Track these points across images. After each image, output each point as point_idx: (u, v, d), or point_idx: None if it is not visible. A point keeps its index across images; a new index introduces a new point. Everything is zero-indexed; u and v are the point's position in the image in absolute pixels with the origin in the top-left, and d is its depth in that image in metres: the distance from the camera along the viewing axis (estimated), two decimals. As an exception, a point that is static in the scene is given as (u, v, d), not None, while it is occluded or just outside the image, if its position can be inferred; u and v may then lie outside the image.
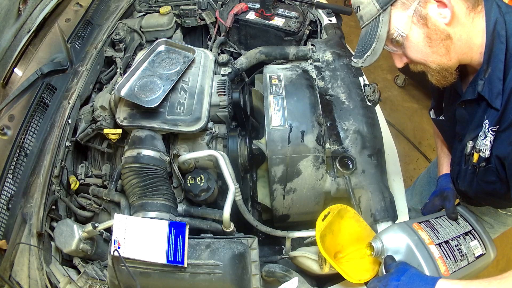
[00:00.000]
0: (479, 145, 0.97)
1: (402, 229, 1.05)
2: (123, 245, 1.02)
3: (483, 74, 0.91)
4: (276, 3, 1.97)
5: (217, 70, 1.64)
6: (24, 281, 1.12)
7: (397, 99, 3.41)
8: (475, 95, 0.95)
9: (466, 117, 1.04)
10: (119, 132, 1.35)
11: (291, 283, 1.07)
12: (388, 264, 0.96)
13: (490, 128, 0.92)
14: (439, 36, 0.88)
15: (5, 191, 1.25)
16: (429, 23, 0.87)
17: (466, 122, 1.05)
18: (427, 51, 0.91)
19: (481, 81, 0.91)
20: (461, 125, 1.08)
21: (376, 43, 0.92)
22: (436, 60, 0.92)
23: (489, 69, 0.89)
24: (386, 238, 1.03)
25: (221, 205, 1.23)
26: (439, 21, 0.87)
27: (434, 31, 0.88)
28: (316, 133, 1.28)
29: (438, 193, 1.27)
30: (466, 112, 1.03)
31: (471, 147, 1.01)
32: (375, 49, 0.93)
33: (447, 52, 0.90)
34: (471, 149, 1.01)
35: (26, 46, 1.63)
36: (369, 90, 1.46)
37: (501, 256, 2.43)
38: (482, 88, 0.91)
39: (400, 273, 0.90)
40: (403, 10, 0.88)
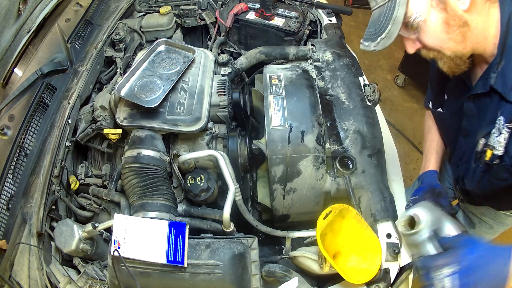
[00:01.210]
0: (492, 142, 0.93)
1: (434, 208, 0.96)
2: (123, 245, 1.02)
3: (496, 67, 0.89)
4: (276, 3, 1.97)
5: (217, 70, 1.64)
6: (24, 281, 1.12)
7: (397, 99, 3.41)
8: (487, 88, 0.92)
9: (475, 111, 1.01)
10: (119, 132, 1.35)
11: (291, 283, 1.07)
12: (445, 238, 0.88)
13: (505, 125, 0.88)
14: (457, 22, 0.86)
15: (5, 191, 1.25)
16: (448, 7, 0.85)
17: (474, 117, 1.01)
18: (443, 37, 0.88)
19: (493, 74, 0.89)
20: (468, 119, 1.05)
21: (392, 25, 0.87)
22: (452, 47, 0.90)
23: (502, 61, 0.87)
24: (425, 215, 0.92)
25: (221, 205, 1.23)
26: (458, 6, 0.85)
27: (452, 17, 0.85)
28: (316, 133, 1.28)
29: (427, 189, 1.22)
30: (474, 106, 1.00)
31: (483, 144, 0.97)
32: (390, 32, 0.87)
33: (463, 40, 0.88)
34: (483, 146, 0.97)
35: (26, 46, 1.63)
36: (369, 90, 1.46)
37: (501, 256, 2.43)
38: (495, 81, 0.89)
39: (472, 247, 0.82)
40: None
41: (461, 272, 0.77)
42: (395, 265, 1.14)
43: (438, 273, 0.79)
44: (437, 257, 0.83)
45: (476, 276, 0.76)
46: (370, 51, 0.93)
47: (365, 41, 0.95)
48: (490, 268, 0.77)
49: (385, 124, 1.54)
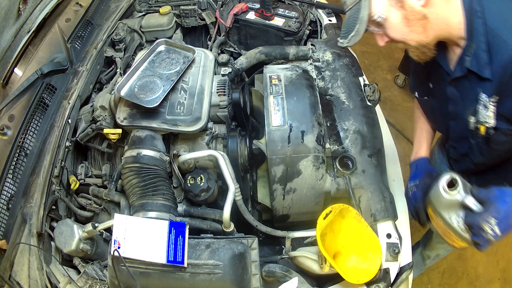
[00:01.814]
0: (482, 118, 1.02)
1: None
2: (123, 245, 1.02)
3: (468, 50, 0.97)
4: (276, 3, 1.97)
5: (217, 70, 1.64)
6: (24, 281, 1.12)
7: (397, 99, 3.41)
8: (464, 71, 1.01)
9: (457, 94, 1.09)
10: (119, 132, 1.35)
11: (291, 283, 1.07)
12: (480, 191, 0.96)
13: (490, 100, 0.97)
14: (415, 17, 0.96)
15: (5, 191, 1.25)
16: (405, 5, 0.95)
17: (458, 99, 1.10)
18: (405, 30, 0.99)
19: (467, 57, 0.98)
20: (453, 103, 1.13)
21: (359, 24, 1.01)
22: (415, 38, 1.00)
23: (472, 44, 0.95)
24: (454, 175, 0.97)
25: (221, 205, 1.23)
26: (415, 3, 0.94)
27: (410, 13, 0.95)
28: (316, 133, 1.28)
29: (425, 173, 1.25)
30: (456, 90, 1.09)
31: (474, 121, 1.05)
32: (358, 30, 1.02)
33: (424, 30, 0.98)
34: (474, 123, 1.05)
35: (26, 46, 1.63)
36: (369, 90, 1.46)
37: (501, 256, 2.44)
38: (470, 63, 0.98)
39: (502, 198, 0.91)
40: None
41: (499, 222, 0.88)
42: (395, 265, 1.14)
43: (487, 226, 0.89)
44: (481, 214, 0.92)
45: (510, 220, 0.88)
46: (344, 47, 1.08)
47: (340, 38, 1.10)
48: None
49: (385, 124, 1.54)
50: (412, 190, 1.19)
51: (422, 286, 2.34)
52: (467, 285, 2.34)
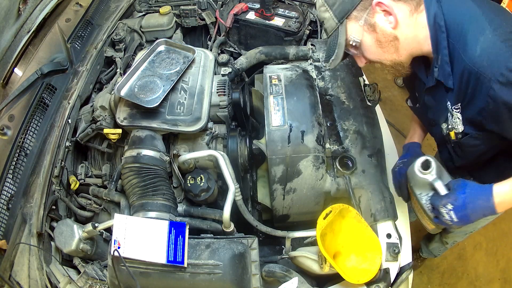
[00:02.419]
0: (451, 124, 1.10)
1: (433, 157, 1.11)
2: (123, 245, 1.02)
3: (436, 62, 1.04)
4: (276, 3, 1.97)
5: (217, 70, 1.64)
6: (24, 281, 1.12)
7: (397, 99, 3.41)
8: (434, 81, 1.08)
9: (433, 103, 1.17)
10: (119, 132, 1.35)
11: (291, 283, 1.07)
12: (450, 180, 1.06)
13: (453, 107, 1.06)
14: (387, 39, 1.03)
15: (5, 191, 1.25)
16: (377, 29, 1.03)
17: (434, 107, 1.17)
18: (379, 52, 1.07)
19: (435, 68, 1.05)
20: (430, 110, 1.20)
21: (337, 49, 1.10)
22: (388, 57, 1.08)
23: (439, 56, 1.02)
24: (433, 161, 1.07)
25: (221, 205, 1.23)
26: (386, 26, 1.01)
27: (382, 35, 1.03)
28: (316, 133, 1.28)
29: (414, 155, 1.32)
30: (432, 98, 1.16)
31: (446, 128, 1.14)
32: (337, 54, 1.11)
33: (396, 50, 1.05)
34: (446, 130, 1.14)
35: (26, 46, 1.63)
36: (369, 90, 1.46)
37: (501, 256, 2.44)
38: (438, 74, 1.05)
39: (462, 188, 1.00)
40: (356, 21, 1.04)
41: (455, 208, 0.98)
42: (395, 265, 1.14)
43: (443, 209, 1.00)
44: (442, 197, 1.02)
45: (468, 210, 0.98)
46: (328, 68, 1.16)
47: (324, 62, 1.23)
48: (477, 203, 0.98)
49: (385, 124, 1.54)
50: (399, 166, 1.25)
51: (422, 286, 2.34)
52: (467, 285, 2.34)
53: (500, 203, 0.96)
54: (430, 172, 1.06)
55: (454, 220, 1.00)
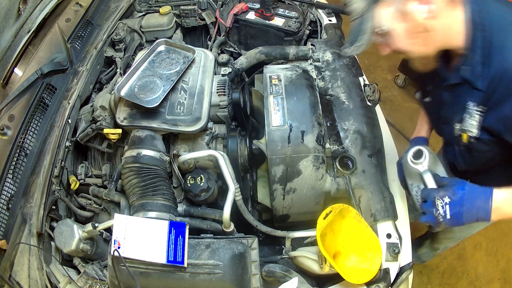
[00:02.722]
0: (466, 126, 1.07)
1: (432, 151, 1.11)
2: (123, 245, 1.02)
3: (466, 61, 1.01)
4: (276, 3, 1.97)
5: (217, 70, 1.64)
6: (24, 281, 1.12)
7: (397, 99, 3.41)
8: (459, 79, 1.04)
9: (450, 100, 1.13)
10: (119, 132, 1.35)
11: (291, 283, 1.07)
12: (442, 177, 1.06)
13: (475, 109, 1.02)
14: (417, 29, 0.97)
15: (5, 191, 1.25)
16: (408, 18, 0.96)
17: (450, 105, 1.14)
18: (407, 42, 1.01)
19: (464, 66, 1.02)
20: (446, 108, 1.17)
21: (362, 35, 1.03)
22: (416, 49, 1.02)
23: (470, 55, 0.99)
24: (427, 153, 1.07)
25: (221, 205, 1.23)
26: (418, 16, 0.95)
27: (413, 25, 0.97)
28: (316, 133, 1.28)
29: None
30: (450, 95, 1.13)
31: (459, 129, 1.10)
32: (361, 41, 1.04)
33: (426, 43, 1.00)
34: (459, 131, 1.10)
35: (26, 46, 1.63)
36: (369, 90, 1.46)
37: (501, 256, 2.43)
38: (465, 73, 1.02)
39: (461, 184, 0.98)
40: (387, 7, 0.98)
41: (451, 203, 0.96)
42: (395, 265, 1.14)
43: (439, 201, 0.97)
44: (439, 189, 1.00)
45: (464, 208, 0.95)
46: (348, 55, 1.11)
47: (345, 48, 1.13)
48: (475, 203, 0.95)
49: (385, 124, 1.54)
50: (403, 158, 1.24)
51: (422, 286, 2.34)
52: (467, 285, 2.34)
53: (497, 208, 0.93)
54: (421, 162, 1.05)
55: (446, 216, 0.97)
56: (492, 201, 0.93)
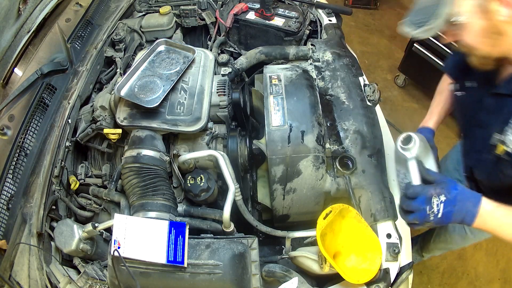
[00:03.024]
0: (506, 140, 1.03)
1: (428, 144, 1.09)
2: (123, 245, 1.02)
3: None
4: (276, 3, 1.97)
5: (217, 70, 1.64)
6: (24, 281, 1.12)
7: (397, 99, 3.41)
8: (510, 91, 1.03)
9: (494, 108, 1.10)
10: (119, 132, 1.35)
11: (291, 283, 1.07)
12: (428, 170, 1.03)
13: None
14: (493, 30, 0.96)
15: (5, 191, 1.25)
16: (488, 16, 0.94)
17: (492, 112, 1.11)
18: (478, 40, 0.99)
19: None
20: (486, 113, 1.14)
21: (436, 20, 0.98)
22: (484, 48, 1.01)
23: None
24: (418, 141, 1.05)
25: (221, 205, 1.23)
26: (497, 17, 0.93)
27: (490, 25, 0.95)
28: (316, 133, 1.28)
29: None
30: (495, 103, 1.10)
31: (498, 139, 1.07)
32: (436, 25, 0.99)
33: (495, 45, 0.99)
34: (497, 141, 1.07)
35: (26, 46, 1.63)
36: (369, 90, 1.46)
37: (501, 256, 2.43)
38: None
39: (453, 183, 0.97)
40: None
41: (446, 201, 0.94)
42: (395, 265, 1.14)
43: (435, 199, 0.95)
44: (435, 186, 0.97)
45: (455, 208, 0.94)
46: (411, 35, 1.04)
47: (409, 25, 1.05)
48: (466, 204, 0.95)
49: (385, 124, 1.54)
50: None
51: (422, 286, 2.34)
52: (467, 285, 2.34)
53: (482, 216, 0.94)
54: (409, 148, 1.03)
55: (438, 215, 0.96)
56: (480, 208, 0.94)
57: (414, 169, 1.02)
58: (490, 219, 0.95)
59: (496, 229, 0.96)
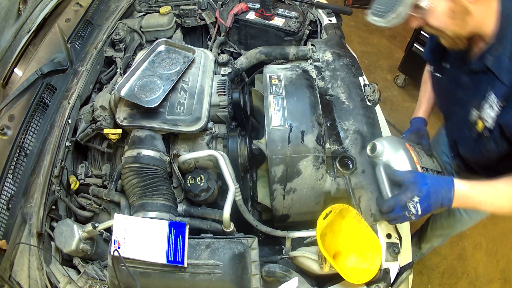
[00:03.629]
0: (484, 115, 1.07)
1: (400, 143, 1.13)
2: (123, 245, 1.02)
3: (493, 51, 1.01)
4: (276, 3, 1.97)
5: (217, 70, 1.64)
6: (24, 281, 1.12)
7: (397, 99, 3.41)
8: (483, 67, 1.05)
9: (470, 85, 1.13)
10: (119, 132, 1.35)
11: (291, 283, 1.07)
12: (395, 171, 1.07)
13: (497, 102, 1.02)
14: (461, 10, 0.99)
15: (5, 191, 1.25)
16: None
17: (469, 89, 1.14)
18: (446, 21, 1.02)
19: (490, 56, 1.02)
20: (463, 91, 1.17)
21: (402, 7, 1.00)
22: (453, 29, 1.04)
23: (499, 48, 1.00)
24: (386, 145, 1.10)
25: (221, 205, 1.23)
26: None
27: (458, 6, 0.99)
28: (316, 133, 1.28)
29: (413, 130, 1.38)
30: (470, 80, 1.13)
31: (477, 116, 1.10)
32: (400, 13, 1.01)
33: (463, 24, 1.02)
34: (476, 117, 1.10)
35: (26, 46, 1.63)
36: (369, 90, 1.46)
37: (501, 256, 2.44)
38: (492, 63, 1.02)
39: (422, 179, 1.01)
40: None
41: (421, 200, 0.98)
42: (395, 265, 1.14)
43: (411, 204, 0.99)
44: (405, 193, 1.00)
45: (430, 201, 0.99)
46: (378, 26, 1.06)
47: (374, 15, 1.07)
48: (440, 192, 0.99)
49: (385, 124, 1.54)
50: None
51: (422, 286, 2.34)
52: (467, 285, 2.34)
53: (458, 197, 0.99)
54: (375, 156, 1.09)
55: (418, 213, 0.99)
56: (454, 191, 0.99)
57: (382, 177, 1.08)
58: (466, 199, 1.00)
59: (475, 205, 1.01)
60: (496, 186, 1.00)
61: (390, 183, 1.08)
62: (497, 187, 1.00)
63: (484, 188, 1.00)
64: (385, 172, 1.09)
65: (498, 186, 1.00)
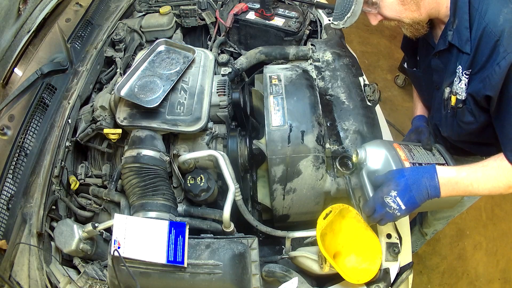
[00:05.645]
0: (455, 88, 1.10)
1: (384, 144, 1.15)
2: (123, 245, 1.02)
3: (451, 26, 1.05)
4: (276, 3, 1.97)
5: (217, 70, 1.64)
6: (24, 281, 1.12)
7: (397, 99, 3.41)
8: (446, 44, 1.09)
9: (441, 66, 1.17)
10: (119, 132, 1.35)
11: (291, 283, 1.07)
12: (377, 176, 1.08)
13: (464, 72, 1.05)
14: None
15: (5, 191, 1.25)
16: None
17: (442, 71, 1.18)
18: (400, 9, 1.06)
19: (450, 31, 1.06)
20: (437, 74, 1.21)
21: (355, 5, 1.05)
22: (409, 15, 1.07)
23: (456, 20, 1.03)
24: (369, 149, 1.12)
25: (221, 205, 1.23)
26: None
27: None
28: (316, 133, 1.28)
29: (413, 130, 1.40)
30: (440, 62, 1.17)
31: (449, 92, 1.13)
32: (354, 11, 1.07)
33: (418, 8, 1.05)
34: (448, 93, 1.14)
35: (26, 46, 1.63)
36: (369, 90, 1.46)
37: (501, 256, 2.44)
38: (452, 37, 1.05)
39: (399, 172, 1.00)
40: None
41: (399, 193, 0.97)
42: (395, 265, 1.14)
43: (388, 199, 0.98)
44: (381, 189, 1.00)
45: (412, 193, 0.97)
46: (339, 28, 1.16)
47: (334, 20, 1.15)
48: (422, 182, 0.97)
49: (385, 124, 1.54)
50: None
51: (422, 286, 2.34)
52: (467, 285, 2.34)
53: (444, 185, 0.97)
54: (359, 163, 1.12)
55: (402, 207, 0.98)
56: (438, 178, 0.97)
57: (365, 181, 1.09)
58: (455, 184, 0.98)
59: (467, 189, 0.99)
60: (486, 164, 1.00)
61: (372, 188, 1.09)
62: (487, 164, 1.00)
63: (472, 169, 1.00)
64: (367, 177, 1.10)
65: (488, 164, 1.00)
